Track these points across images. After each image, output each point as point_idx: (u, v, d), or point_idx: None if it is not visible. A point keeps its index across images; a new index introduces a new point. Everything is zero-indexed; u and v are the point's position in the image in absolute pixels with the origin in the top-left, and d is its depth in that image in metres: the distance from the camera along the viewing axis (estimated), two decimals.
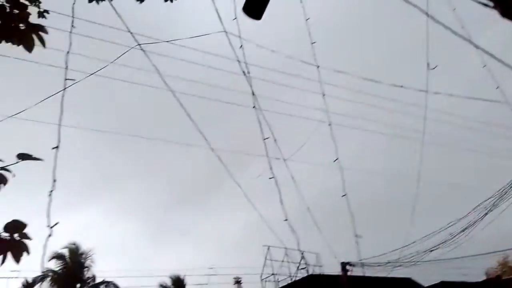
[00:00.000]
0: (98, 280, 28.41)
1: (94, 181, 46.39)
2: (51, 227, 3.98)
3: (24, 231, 2.35)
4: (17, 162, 2.51)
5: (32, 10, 4.38)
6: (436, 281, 20.99)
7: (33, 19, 3.66)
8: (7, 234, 2.32)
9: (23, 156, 2.52)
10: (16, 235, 2.34)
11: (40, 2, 5.03)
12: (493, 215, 16.29)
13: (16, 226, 2.34)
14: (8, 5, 3.11)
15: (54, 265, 27.56)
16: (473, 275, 23.01)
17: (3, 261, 2.29)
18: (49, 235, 3.90)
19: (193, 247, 47.19)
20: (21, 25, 3.11)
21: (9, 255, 2.29)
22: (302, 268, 21.19)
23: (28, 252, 2.35)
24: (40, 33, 3.16)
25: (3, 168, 2.49)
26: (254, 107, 7.22)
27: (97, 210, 46.31)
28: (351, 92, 13.78)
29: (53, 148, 4.63)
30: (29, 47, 3.16)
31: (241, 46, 6.55)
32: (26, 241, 2.35)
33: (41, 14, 5.02)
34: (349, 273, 20.14)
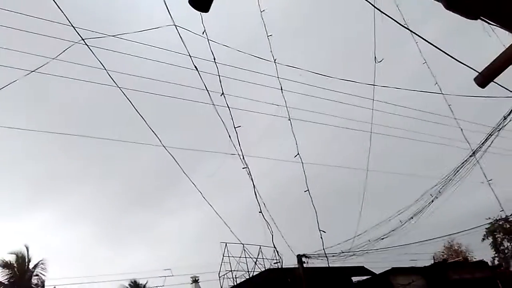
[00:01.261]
0: None
1: (43, 185, 44.30)
2: None
3: None
4: None
5: None
6: (388, 268, 21.78)
7: None
8: None
9: None
10: None
11: None
12: (438, 201, 17.15)
13: None
14: None
15: (0, 275, 26.11)
16: (421, 260, 24.16)
17: None
18: None
19: (151, 248, 46.32)
20: None
21: None
22: (276, 263, 21.16)
23: None
24: None
25: None
26: (222, 94, 7.13)
27: (47, 214, 44.36)
28: (303, 86, 13.95)
29: None
30: None
31: (203, 31, 6.41)
32: None
33: None
34: (305, 265, 20.50)
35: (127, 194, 48.18)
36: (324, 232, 7.51)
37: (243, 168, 7.66)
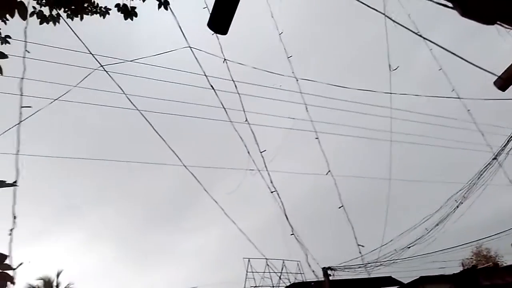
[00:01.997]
0: None
1: (65, 209, 44.94)
2: (15, 269, 3.75)
3: (6, 262, 2.25)
4: None
5: None
6: (416, 277, 21.35)
7: None
8: None
9: None
10: None
11: None
12: (464, 207, 16.79)
13: None
14: None
15: None
16: (450, 268, 23.59)
17: None
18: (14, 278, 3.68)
19: (174, 267, 46.38)
20: None
21: None
22: (318, 281, 20.39)
23: (13, 283, 2.25)
24: None
25: None
26: (246, 120, 7.25)
27: (70, 238, 44.86)
28: (319, 98, 13.97)
29: (12, 184, 4.36)
30: None
31: (224, 60, 6.56)
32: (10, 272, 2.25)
33: (3, 41, 4.88)
34: (331, 278, 20.24)
35: (147, 214, 48.51)
36: (363, 246, 7.41)
37: (272, 192, 7.67)
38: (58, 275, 27.33)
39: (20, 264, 3.68)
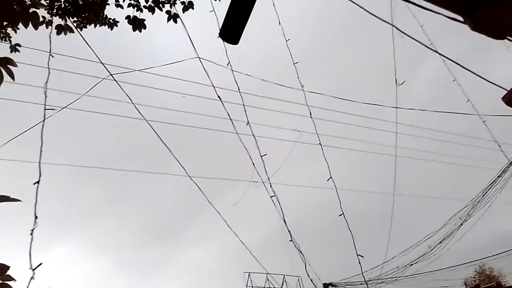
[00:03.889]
0: None
1: (63, 218, 44.81)
2: (34, 269, 3.76)
3: (7, 273, 2.23)
4: None
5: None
6: None
7: (6, 53, 3.58)
8: None
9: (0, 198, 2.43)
10: None
11: (10, 37, 4.98)
12: (468, 225, 16.66)
13: None
14: None
15: None
16: (452, 286, 23.26)
17: None
18: (32, 278, 3.68)
19: (173, 280, 45.98)
20: None
21: None
22: None
23: None
24: (9, 66, 3.01)
25: None
26: (247, 123, 7.27)
27: (66, 248, 44.63)
28: (322, 111, 13.99)
29: (34, 183, 4.42)
30: None
31: (228, 63, 6.62)
32: (11, 283, 2.23)
33: (13, 49, 4.97)
34: None
35: (147, 225, 48.32)
36: (363, 257, 7.32)
37: (271, 196, 7.65)
38: None
39: (39, 264, 3.69)
